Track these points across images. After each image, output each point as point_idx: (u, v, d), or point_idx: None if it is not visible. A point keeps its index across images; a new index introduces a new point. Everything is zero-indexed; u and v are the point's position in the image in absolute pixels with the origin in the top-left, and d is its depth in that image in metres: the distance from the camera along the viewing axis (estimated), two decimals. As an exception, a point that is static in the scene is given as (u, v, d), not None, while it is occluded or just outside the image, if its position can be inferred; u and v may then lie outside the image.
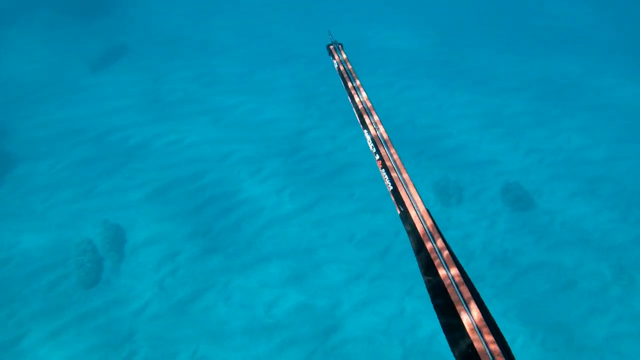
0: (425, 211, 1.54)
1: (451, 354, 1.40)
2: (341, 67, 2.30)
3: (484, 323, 1.20)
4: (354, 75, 2.24)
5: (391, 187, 1.69)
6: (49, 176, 11.11)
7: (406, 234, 1.59)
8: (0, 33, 16.27)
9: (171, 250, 9.67)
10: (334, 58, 2.42)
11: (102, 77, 14.67)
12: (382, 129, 1.92)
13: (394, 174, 1.71)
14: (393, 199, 1.66)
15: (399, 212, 1.62)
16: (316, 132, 12.68)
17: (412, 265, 9.51)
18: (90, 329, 8.46)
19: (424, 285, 1.41)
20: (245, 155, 11.87)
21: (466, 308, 1.26)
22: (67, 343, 8.26)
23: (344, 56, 2.41)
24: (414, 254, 1.51)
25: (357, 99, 2.09)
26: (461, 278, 1.32)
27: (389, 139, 1.88)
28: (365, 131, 1.97)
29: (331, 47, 2.48)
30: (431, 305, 1.39)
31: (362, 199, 10.87)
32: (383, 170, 1.77)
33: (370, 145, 1.91)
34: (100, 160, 11.55)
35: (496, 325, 1.21)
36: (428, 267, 1.41)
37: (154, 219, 10.25)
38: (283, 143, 12.26)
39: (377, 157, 1.83)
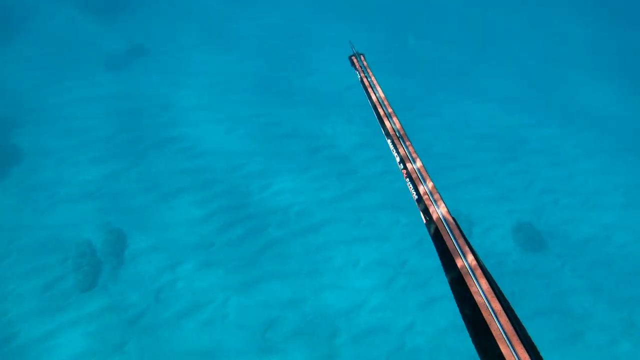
0: (452, 220, 1.52)
1: None
2: (364, 79, 2.28)
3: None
4: (376, 85, 2.24)
5: (416, 197, 1.66)
6: (55, 173, 10.94)
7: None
8: (21, 25, 16.24)
9: (171, 261, 9.46)
10: (356, 69, 2.35)
11: (118, 76, 14.56)
12: (408, 144, 1.90)
13: (418, 184, 1.68)
14: (419, 208, 1.64)
15: (424, 221, 1.60)
16: (328, 152, 12.48)
17: (416, 299, 9.26)
18: (82, 334, 8.25)
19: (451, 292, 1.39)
20: (256, 168, 11.68)
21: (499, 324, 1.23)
22: (57, 347, 8.05)
23: (368, 71, 2.38)
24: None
25: (380, 110, 2.09)
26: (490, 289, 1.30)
27: (412, 145, 1.87)
28: (389, 141, 1.96)
29: (353, 58, 2.46)
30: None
31: (370, 225, 10.64)
32: (408, 179, 1.74)
33: (394, 153, 1.90)
34: (108, 161, 11.38)
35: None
36: (449, 263, 1.42)
37: (157, 226, 10.06)
38: (295, 160, 12.06)
39: (402, 166, 1.80)
